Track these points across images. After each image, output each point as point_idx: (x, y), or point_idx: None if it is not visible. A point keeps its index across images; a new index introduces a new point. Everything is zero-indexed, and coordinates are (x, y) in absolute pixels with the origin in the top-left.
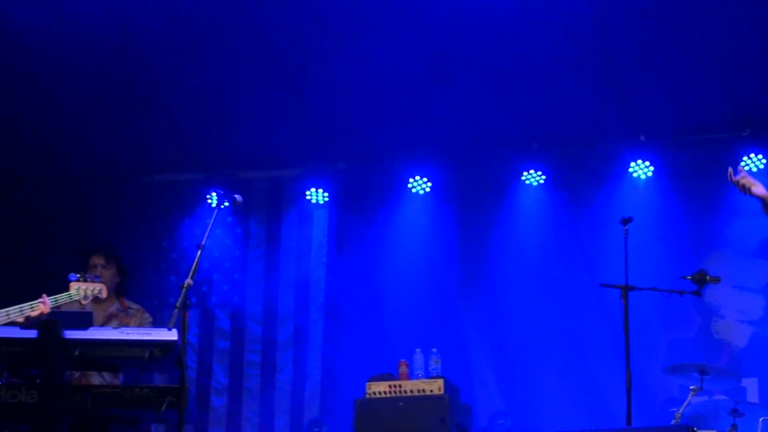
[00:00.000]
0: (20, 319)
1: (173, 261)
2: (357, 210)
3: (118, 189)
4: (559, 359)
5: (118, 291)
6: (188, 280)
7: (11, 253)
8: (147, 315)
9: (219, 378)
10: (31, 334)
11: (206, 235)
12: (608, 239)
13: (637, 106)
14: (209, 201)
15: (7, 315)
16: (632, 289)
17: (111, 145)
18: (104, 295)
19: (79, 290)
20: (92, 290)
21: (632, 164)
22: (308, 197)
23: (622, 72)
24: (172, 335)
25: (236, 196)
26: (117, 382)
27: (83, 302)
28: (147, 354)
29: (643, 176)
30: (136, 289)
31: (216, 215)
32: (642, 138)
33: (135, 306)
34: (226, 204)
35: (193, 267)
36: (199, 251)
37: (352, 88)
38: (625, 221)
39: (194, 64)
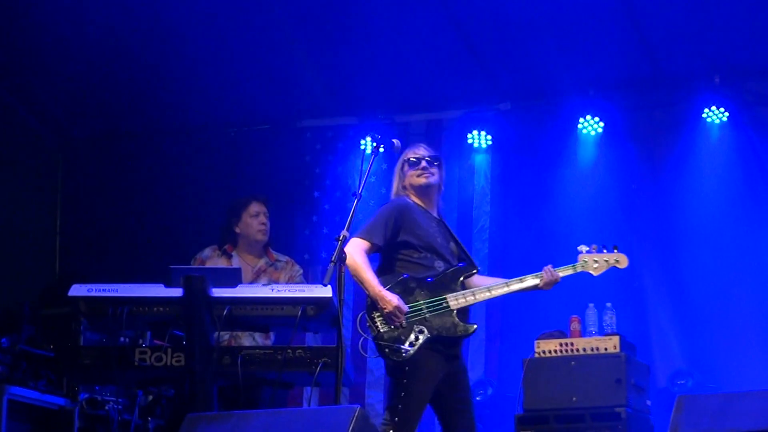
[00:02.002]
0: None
1: (325, 212)
2: (523, 154)
3: (268, 136)
4: (745, 314)
5: (266, 243)
6: (344, 232)
7: (164, 203)
8: (297, 267)
9: None
10: (176, 292)
11: (362, 183)
12: None
13: None
14: (363, 147)
15: (507, 285)
16: None
17: (262, 90)
18: None
19: (588, 261)
20: (607, 260)
21: None
22: (470, 141)
23: None
24: (326, 292)
25: (394, 140)
26: (268, 342)
27: (594, 273)
28: (300, 312)
29: None
30: (286, 243)
31: (372, 162)
32: None
33: (283, 258)
34: (383, 149)
35: (349, 218)
36: (356, 201)
37: (516, 20)
38: None
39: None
